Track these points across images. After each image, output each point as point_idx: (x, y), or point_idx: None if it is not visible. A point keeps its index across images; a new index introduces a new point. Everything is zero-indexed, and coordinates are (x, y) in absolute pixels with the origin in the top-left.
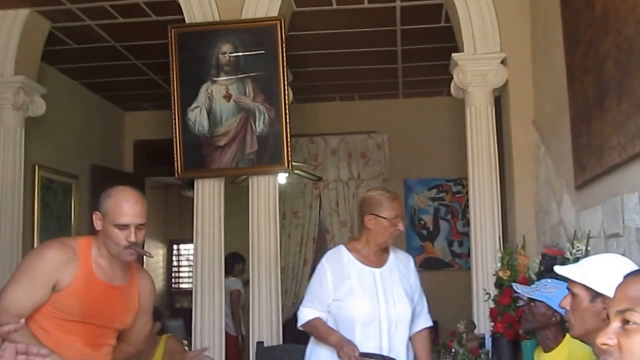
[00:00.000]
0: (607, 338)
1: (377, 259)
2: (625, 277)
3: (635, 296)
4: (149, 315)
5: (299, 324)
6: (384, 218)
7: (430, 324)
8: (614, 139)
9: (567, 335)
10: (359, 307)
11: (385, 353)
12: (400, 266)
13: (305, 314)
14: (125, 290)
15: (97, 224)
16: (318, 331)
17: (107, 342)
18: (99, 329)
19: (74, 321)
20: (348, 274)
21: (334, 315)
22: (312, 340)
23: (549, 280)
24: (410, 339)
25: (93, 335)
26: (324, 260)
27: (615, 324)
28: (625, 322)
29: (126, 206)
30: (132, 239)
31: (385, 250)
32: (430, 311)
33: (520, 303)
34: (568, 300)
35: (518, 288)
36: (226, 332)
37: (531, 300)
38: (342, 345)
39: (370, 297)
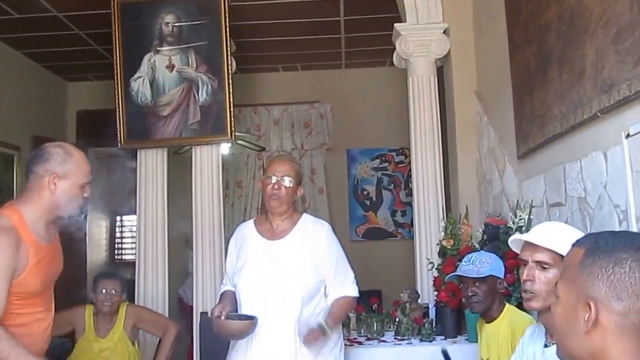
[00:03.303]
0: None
1: (278, 231)
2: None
3: (563, 267)
4: None
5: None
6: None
7: (351, 293)
8: (556, 109)
9: (507, 304)
10: (243, 283)
11: (272, 329)
12: (305, 238)
13: (219, 291)
14: (57, 245)
15: (52, 187)
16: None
17: (52, 299)
18: (50, 290)
19: (38, 294)
20: (246, 249)
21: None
22: None
23: (476, 254)
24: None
25: (48, 299)
26: (233, 234)
27: None
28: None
29: (87, 165)
30: (88, 194)
31: (291, 220)
32: (357, 282)
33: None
34: (534, 272)
35: (464, 273)
36: (184, 302)
37: (477, 280)
38: (215, 307)
39: (255, 273)
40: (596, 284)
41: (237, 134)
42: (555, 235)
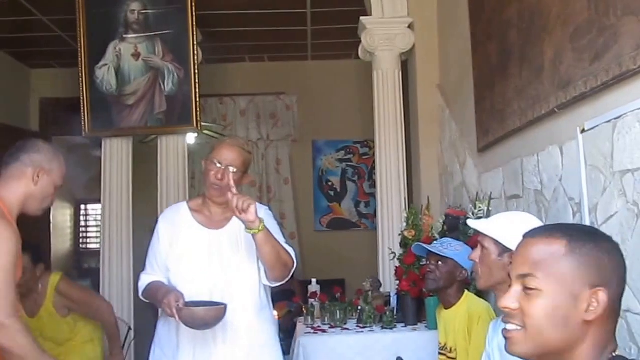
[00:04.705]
0: (510, 302)
1: (219, 218)
2: (525, 236)
3: (534, 260)
4: None
5: (139, 293)
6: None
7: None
8: (515, 104)
9: (466, 291)
10: (186, 278)
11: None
12: None
13: (143, 282)
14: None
15: (36, 179)
16: (152, 294)
17: None
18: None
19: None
20: (182, 237)
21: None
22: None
23: (449, 239)
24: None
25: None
26: (160, 219)
27: (517, 287)
28: (527, 287)
29: (65, 169)
30: (54, 198)
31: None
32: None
33: (423, 262)
34: (478, 253)
35: (430, 248)
36: None
37: (439, 259)
38: (164, 296)
39: (195, 266)
40: (591, 272)
41: (203, 124)
42: (503, 225)
